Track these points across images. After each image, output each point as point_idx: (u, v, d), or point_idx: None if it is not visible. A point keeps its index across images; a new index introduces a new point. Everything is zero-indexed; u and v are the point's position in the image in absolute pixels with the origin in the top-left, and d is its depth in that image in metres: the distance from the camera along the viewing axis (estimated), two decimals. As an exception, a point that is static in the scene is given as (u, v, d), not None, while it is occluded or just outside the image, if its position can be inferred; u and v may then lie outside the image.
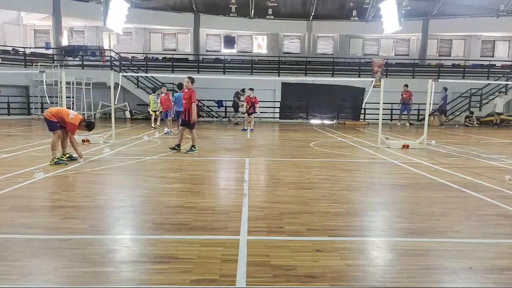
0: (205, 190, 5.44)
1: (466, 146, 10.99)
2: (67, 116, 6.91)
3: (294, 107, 22.48)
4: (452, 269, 2.99)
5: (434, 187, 5.75)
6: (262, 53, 27.02)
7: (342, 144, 11.28)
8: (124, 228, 3.90)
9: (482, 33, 26.11)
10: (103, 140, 10.29)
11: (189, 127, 8.82)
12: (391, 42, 27.08)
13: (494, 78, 22.18)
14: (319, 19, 25.84)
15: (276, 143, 11.94)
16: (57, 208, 4.46)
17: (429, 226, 3.98)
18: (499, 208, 4.68)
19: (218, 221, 4.02)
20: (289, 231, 3.76)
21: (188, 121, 8.75)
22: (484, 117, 21.05)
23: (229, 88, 20.06)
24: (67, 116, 6.91)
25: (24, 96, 21.31)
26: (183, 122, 8.94)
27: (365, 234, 3.85)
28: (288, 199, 4.97)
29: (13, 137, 11.30)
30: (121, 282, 2.71)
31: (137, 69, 22.08)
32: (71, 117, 6.94)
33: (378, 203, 4.95)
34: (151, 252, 3.22)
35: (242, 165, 7.36)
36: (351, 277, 2.83)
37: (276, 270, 2.89)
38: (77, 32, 26.21)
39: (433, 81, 10.29)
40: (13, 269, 2.71)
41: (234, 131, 14.92)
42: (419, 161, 8.16)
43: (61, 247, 3.28)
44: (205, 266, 2.94)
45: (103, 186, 5.68)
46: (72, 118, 6.95)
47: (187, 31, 26.23)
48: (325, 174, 6.67)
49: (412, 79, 22.08)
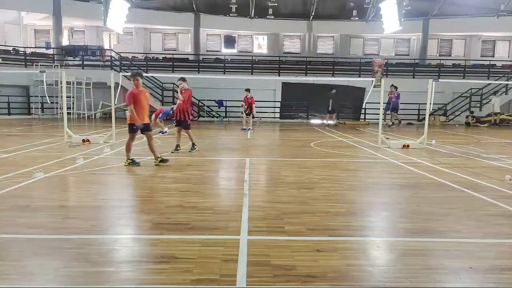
0: (205, 190, 5.44)
1: (466, 146, 10.99)
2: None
3: (294, 107, 22.48)
4: (453, 269, 2.99)
5: (435, 187, 5.75)
6: (263, 53, 27.01)
7: (342, 144, 11.28)
8: (125, 228, 3.90)
9: (482, 33, 26.08)
10: (103, 140, 10.28)
11: (184, 127, 8.81)
12: (392, 42, 27.06)
13: (495, 78, 22.17)
14: (319, 19, 25.82)
15: (276, 143, 11.94)
16: (58, 208, 4.46)
17: (430, 226, 3.98)
18: (499, 208, 4.68)
19: (218, 221, 4.02)
20: (289, 231, 3.76)
21: (184, 121, 8.75)
22: (484, 117, 21.06)
23: (229, 88, 20.05)
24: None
25: (25, 96, 21.31)
26: (178, 123, 8.94)
27: (366, 234, 3.85)
28: (288, 199, 4.96)
29: (13, 137, 11.30)
30: (121, 282, 2.71)
31: (138, 69, 22.07)
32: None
33: (379, 203, 4.95)
34: (152, 252, 3.22)
35: (243, 165, 7.36)
36: (352, 277, 2.83)
37: (277, 270, 2.89)
38: (77, 32, 26.21)
39: (433, 81, 10.29)
40: (14, 269, 2.71)
41: (234, 131, 14.92)
42: (420, 161, 8.16)
43: (61, 247, 3.28)
44: (205, 266, 2.94)
45: (103, 186, 5.68)
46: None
47: (188, 31, 26.22)
48: (325, 174, 6.67)
49: (412, 79, 22.08)
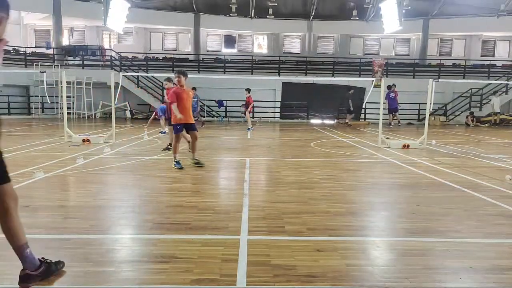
0: (205, 190, 5.44)
1: (466, 146, 10.99)
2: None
3: (294, 107, 22.49)
4: (453, 269, 2.99)
5: (435, 187, 5.75)
6: (263, 53, 27.01)
7: (342, 144, 11.28)
8: (125, 227, 3.90)
9: (482, 33, 26.09)
10: (103, 139, 10.29)
11: (170, 124, 8.76)
12: (392, 42, 27.06)
13: (495, 78, 22.19)
14: (319, 19, 25.83)
15: (276, 142, 11.94)
16: (58, 207, 4.46)
17: (430, 226, 3.98)
18: (499, 208, 4.68)
19: (218, 220, 4.02)
20: (289, 230, 3.76)
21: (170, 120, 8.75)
22: (484, 117, 21.07)
23: (229, 88, 20.06)
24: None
25: (25, 96, 21.32)
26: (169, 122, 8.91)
27: (366, 233, 3.85)
28: (288, 198, 4.96)
29: (13, 137, 11.30)
30: (121, 282, 2.71)
31: (138, 69, 22.09)
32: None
33: (379, 202, 4.95)
34: (152, 252, 3.22)
35: (243, 165, 7.36)
36: (352, 277, 2.83)
37: (277, 270, 2.89)
38: (77, 31, 26.22)
39: (433, 81, 10.28)
40: (14, 269, 2.70)
41: (235, 131, 14.92)
42: (420, 161, 8.16)
43: (61, 246, 3.28)
44: (205, 266, 2.94)
45: (103, 186, 5.68)
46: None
47: (188, 30, 26.22)
48: (325, 173, 6.67)
49: (412, 79, 22.09)
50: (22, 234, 2.56)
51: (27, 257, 2.57)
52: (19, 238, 2.54)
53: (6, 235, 2.52)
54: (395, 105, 17.77)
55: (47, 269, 2.68)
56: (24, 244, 2.57)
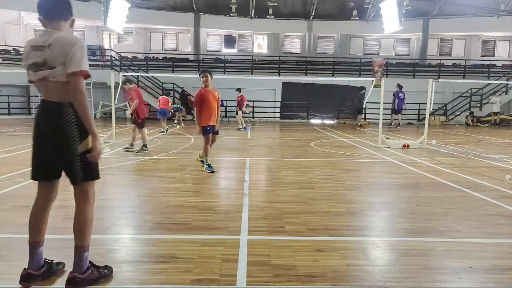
0: (205, 190, 5.44)
1: (466, 146, 10.99)
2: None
3: (294, 107, 22.49)
4: (453, 269, 2.99)
5: (435, 187, 5.75)
6: (263, 53, 27.00)
7: (342, 143, 11.28)
8: (125, 227, 3.90)
9: (482, 33, 26.07)
10: (103, 140, 10.28)
11: (138, 126, 8.92)
12: (392, 42, 27.05)
13: (495, 78, 22.19)
14: (319, 19, 25.82)
15: (276, 142, 11.94)
16: (58, 207, 4.44)
17: (430, 226, 3.98)
18: (499, 208, 4.68)
19: (218, 220, 4.02)
20: (289, 230, 3.76)
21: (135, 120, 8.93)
22: (484, 117, 21.07)
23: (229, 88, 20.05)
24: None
25: (25, 96, 21.31)
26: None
27: (366, 233, 3.85)
28: (288, 198, 4.96)
29: (13, 137, 11.30)
30: (121, 282, 2.71)
31: (138, 69, 22.08)
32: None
33: (379, 202, 4.95)
34: (152, 252, 3.22)
35: (243, 165, 7.36)
36: (352, 277, 2.83)
37: (277, 270, 2.89)
38: (77, 31, 26.20)
39: (433, 80, 10.29)
40: (14, 269, 2.70)
41: (235, 131, 14.92)
42: (420, 161, 8.16)
43: (61, 247, 3.28)
44: (205, 266, 2.94)
45: (103, 186, 5.67)
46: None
47: (188, 31, 26.21)
48: (325, 173, 6.67)
49: (412, 79, 22.08)
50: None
51: (36, 255, 2.62)
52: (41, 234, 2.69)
53: (36, 228, 2.65)
54: (402, 105, 17.79)
55: (49, 269, 2.70)
56: (41, 241, 2.67)
